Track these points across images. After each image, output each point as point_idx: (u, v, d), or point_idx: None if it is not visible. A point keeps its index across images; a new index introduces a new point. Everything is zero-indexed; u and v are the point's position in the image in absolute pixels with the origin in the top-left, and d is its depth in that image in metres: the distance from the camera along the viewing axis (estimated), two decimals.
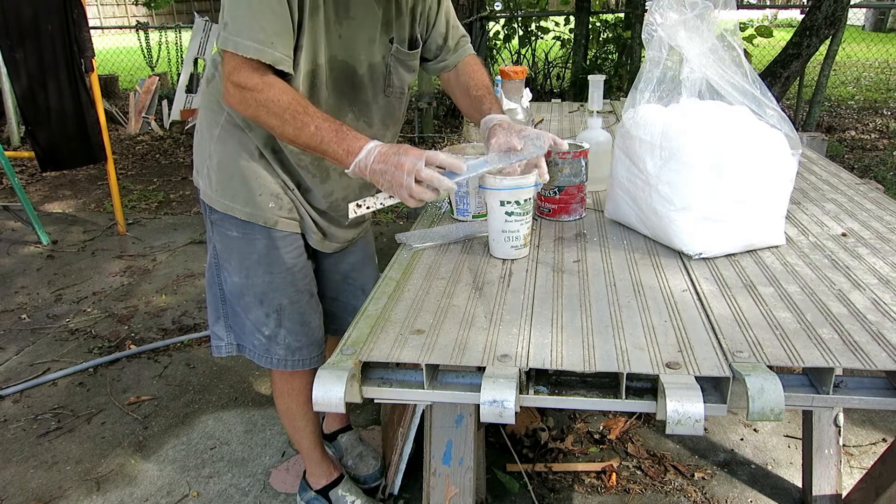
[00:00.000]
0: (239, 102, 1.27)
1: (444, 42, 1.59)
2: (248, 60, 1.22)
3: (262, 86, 1.23)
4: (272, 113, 1.23)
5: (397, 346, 0.99)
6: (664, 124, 1.29)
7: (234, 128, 1.42)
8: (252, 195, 1.43)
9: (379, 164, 1.18)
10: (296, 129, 1.23)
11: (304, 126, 1.22)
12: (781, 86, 5.33)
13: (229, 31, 1.22)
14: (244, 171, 1.43)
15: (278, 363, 1.56)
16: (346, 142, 1.21)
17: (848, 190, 1.73)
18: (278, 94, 1.23)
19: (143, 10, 18.32)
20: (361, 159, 1.20)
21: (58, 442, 2.21)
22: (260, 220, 1.45)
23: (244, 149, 1.42)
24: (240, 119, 1.40)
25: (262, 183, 1.43)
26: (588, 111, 1.82)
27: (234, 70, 1.24)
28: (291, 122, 1.22)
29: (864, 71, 10.25)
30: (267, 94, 1.22)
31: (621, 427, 2.15)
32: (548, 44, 7.47)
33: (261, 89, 1.23)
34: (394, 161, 1.17)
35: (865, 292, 1.12)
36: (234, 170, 1.43)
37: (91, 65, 3.76)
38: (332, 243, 1.60)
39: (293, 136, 1.24)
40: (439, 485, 1.29)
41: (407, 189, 1.16)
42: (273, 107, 1.22)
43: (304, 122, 1.22)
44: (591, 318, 1.06)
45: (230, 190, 1.44)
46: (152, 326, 2.98)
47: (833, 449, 1.73)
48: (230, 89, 1.26)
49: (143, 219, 4.49)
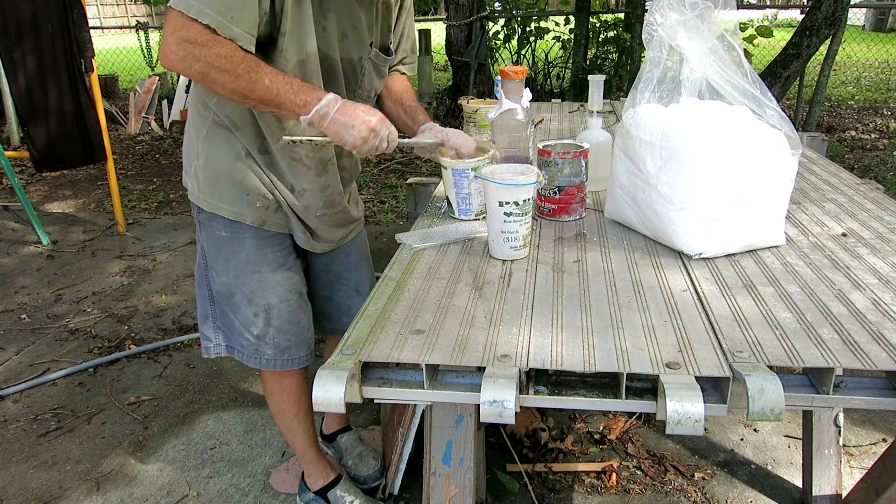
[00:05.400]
0: (182, 59, 1.18)
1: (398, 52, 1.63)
2: (201, 25, 1.16)
3: (212, 42, 1.17)
4: (222, 69, 1.18)
5: (397, 346, 0.99)
6: (664, 124, 1.29)
7: (221, 128, 1.42)
8: (239, 195, 1.43)
9: (343, 115, 1.26)
10: (249, 82, 1.20)
11: (258, 80, 1.20)
12: (781, 86, 5.33)
13: None
14: (231, 170, 1.43)
15: (267, 363, 1.56)
16: (303, 93, 1.24)
17: (848, 190, 1.73)
18: (230, 49, 1.18)
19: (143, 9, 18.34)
20: (323, 106, 1.24)
21: (58, 442, 2.21)
22: (248, 220, 1.45)
23: (231, 149, 1.42)
24: (227, 119, 1.40)
25: (249, 182, 1.43)
26: (588, 111, 1.82)
27: (181, 26, 1.16)
28: (245, 76, 1.19)
29: (864, 71, 10.25)
30: (216, 49, 1.17)
31: (621, 427, 2.15)
32: (548, 44, 7.47)
33: (210, 45, 1.17)
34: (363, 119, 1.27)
35: (865, 292, 1.12)
36: (222, 169, 1.43)
37: (91, 65, 3.76)
38: (321, 243, 1.60)
39: (246, 90, 1.21)
40: (439, 485, 1.29)
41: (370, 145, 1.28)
42: (224, 62, 1.17)
43: (258, 75, 1.20)
44: (591, 318, 1.06)
45: (217, 189, 1.44)
46: (152, 326, 2.98)
47: (833, 449, 1.73)
48: (172, 46, 1.17)
49: (143, 219, 4.49)
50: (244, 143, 1.42)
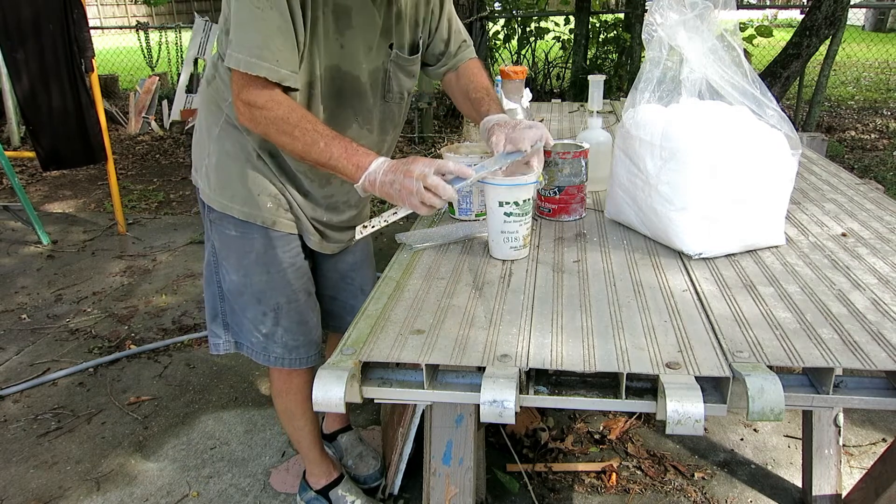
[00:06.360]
0: (250, 120, 1.29)
1: (445, 48, 1.59)
2: (256, 78, 1.24)
3: (271, 104, 1.25)
4: (282, 131, 1.25)
5: (397, 346, 0.99)
6: (664, 124, 1.29)
7: (232, 128, 1.42)
8: (250, 195, 1.44)
9: (388, 174, 1.21)
10: (305, 145, 1.25)
11: (314, 143, 1.24)
12: (781, 86, 5.33)
13: (234, 49, 1.24)
14: (243, 171, 1.43)
15: (276, 361, 1.56)
16: (356, 157, 1.24)
17: (848, 190, 1.73)
18: (287, 111, 1.25)
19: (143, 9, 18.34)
20: (371, 172, 1.22)
21: (58, 442, 2.21)
22: (258, 220, 1.45)
23: (242, 150, 1.43)
24: (238, 121, 1.40)
25: (260, 183, 1.44)
26: (588, 111, 1.82)
27: (242, 88, 1.26)
28: (301, 139, 1.24)
29: (864, 71, 10.25)
30: (276, 112, 1.24)
31: (621, 427, 2.15)
32: (548, 44, 7.47)
33: (270, 108, 1.25)
34: (402, 170, 1.20)
35: (865, 292, 1.12)
36: (233, 170, 1.44)
37: (91, 65, 3.76)
38: (331, 244, 1.60)
39: (303, 153, 1.27)
40: (439, 485, 1.29)
41: (418, 195, 1.18)
42: (282, 125, 1.25)
43: (314, 139, 1.24)
44: (591, 318, 1.06)
45: (228, 189, 1.44)
46: (152, 326, 2.98)
47: (833, 449, 1.73)
48: (240, 108, 1.29)
49: (143, 219, 4.49)
50: (255, 146, 1.42)
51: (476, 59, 1.65)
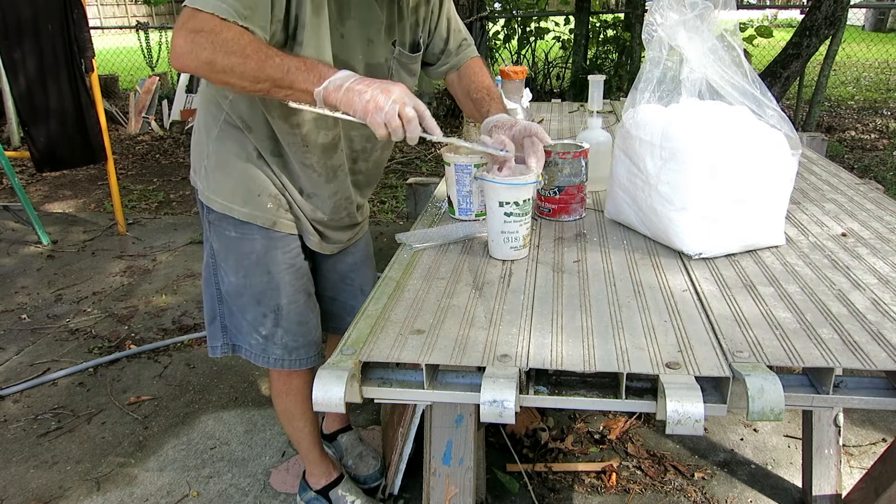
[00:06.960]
0: (190, 51, 1.14)
1: (445, 46, 1.59)
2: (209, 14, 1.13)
3: (219, 27, 1.13)
4: (231, 51, 1.13)
5: (397, 346, 0.99)
6: (664, 124, 1.29)
7: (232, 128, 1.42)
8: (250, 195, 1.43)
9: (360, 84, 1.14)
10: (259, 61, 1.13)
11: (269, 57, 1.15)
12: (781, 86, 5.33)
13: None
14: (243, 171, 1.43)
15: (276, 363, 1.56)
16: (319, 67, 1.17)
17: (848, 190, 1.73)
18: (237, 34, 1.14)
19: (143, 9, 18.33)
20: (337, 79, 1.14)
21: (58, 442, 2.21)
22: (258, 221, 1.45)
23: (243, 149, 1.42)
24: (240, 120, 1.39)
25: (260, 183, 1.43)
26: (588, 111, 1.82)
27: (189, 18, 1.14)
28: (254, 56, 1.13)
29: (864, 71, 10.25)
30: (224, 34, 1.13)
31: (621, 427, 2.15)
32: (548, 44, 7.47)
33: (218, 31, 1.13)
34: (381, 87, 1.14)
35: (865, 292, 1.12)
36: (233, 170, 1.43)
37: (91, 65, 3.76)
38: (331, 245, 1.60)
39: (257, 70, 1.15)
40: (439, 485, 1.29)
41: (386, 115, 1.12)
42: (232, 45, 1.13)
43: (268, 54, 1.15)
44: (591, 318, 1.06)
45: (228, 190, 1.44)
46: (152, 326, 2.98)
47: (833, 449, 1.73)
48: (179, 41, 1.15)
49: (143, 219, 4.49)
50: (256, 145, 1.41)
51: (478, 57, 1.65)
